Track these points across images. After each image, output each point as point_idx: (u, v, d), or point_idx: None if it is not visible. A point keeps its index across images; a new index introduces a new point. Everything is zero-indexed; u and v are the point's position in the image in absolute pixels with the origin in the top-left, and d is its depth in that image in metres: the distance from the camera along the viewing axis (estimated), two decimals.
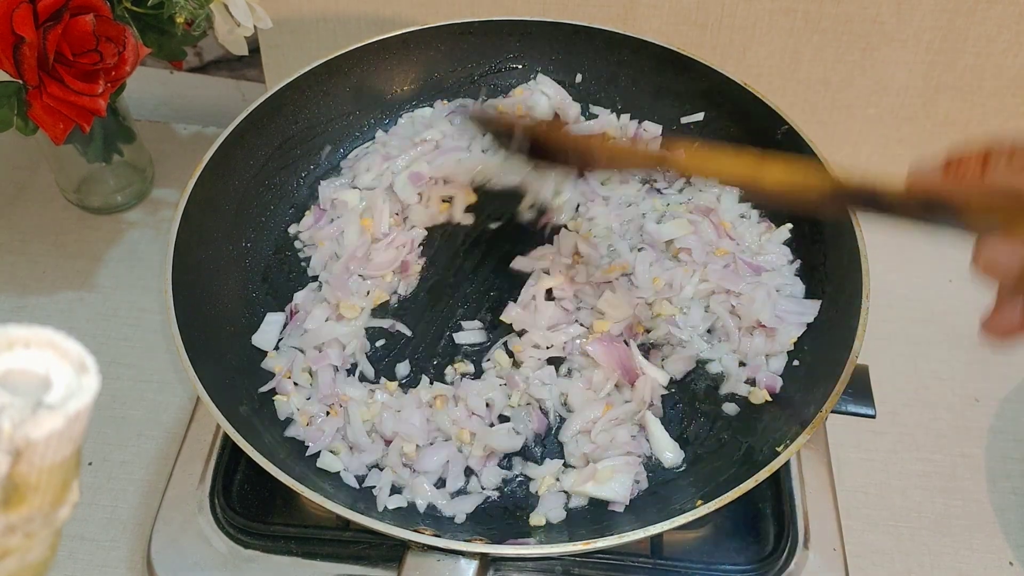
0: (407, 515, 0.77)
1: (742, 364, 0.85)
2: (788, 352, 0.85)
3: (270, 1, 0.93)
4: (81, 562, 0.86)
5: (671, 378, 0.85)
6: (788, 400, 0.81)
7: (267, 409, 0.82)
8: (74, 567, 0.86)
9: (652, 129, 1.02)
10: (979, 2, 0.98)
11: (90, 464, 0.92)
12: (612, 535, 0.69)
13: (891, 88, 1.06)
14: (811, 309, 0.85)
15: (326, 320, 0.87)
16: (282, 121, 0.96)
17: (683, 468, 0.81)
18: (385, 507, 0.77)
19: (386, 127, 1.04)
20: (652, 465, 0.81)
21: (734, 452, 0.80)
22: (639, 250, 0.92)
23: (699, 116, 1.01)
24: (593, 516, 0.78)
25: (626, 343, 0.85)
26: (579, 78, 1.05)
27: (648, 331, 0.87)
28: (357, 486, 0.79)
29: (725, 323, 0.86)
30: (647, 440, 0.81)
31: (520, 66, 1.05)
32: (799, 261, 0.91)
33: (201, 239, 0.86)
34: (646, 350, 0.86)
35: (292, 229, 0.96)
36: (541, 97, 1.04)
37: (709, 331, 0.88)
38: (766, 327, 0.84)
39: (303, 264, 0.94)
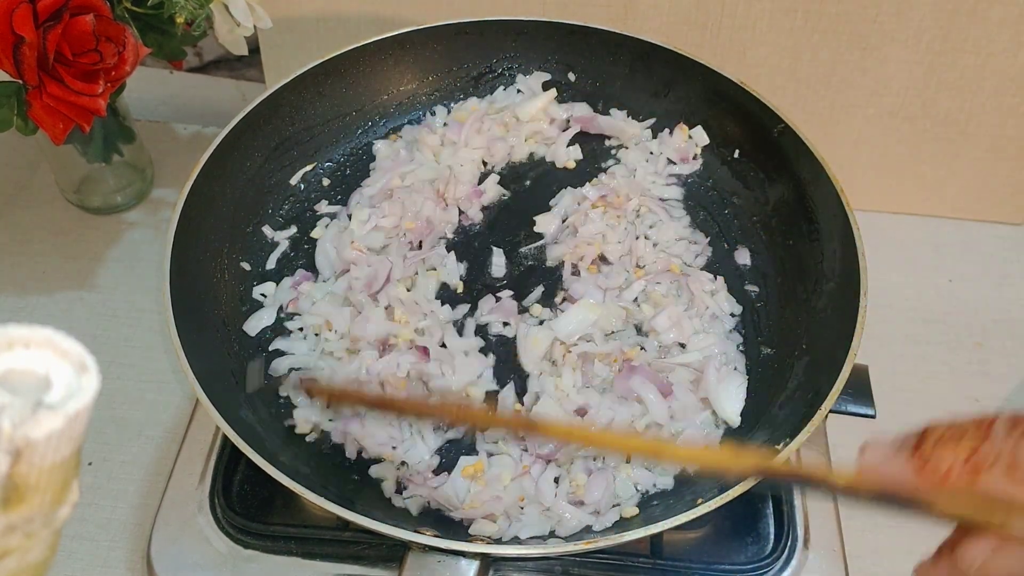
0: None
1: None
2: (786, 349, 0.85)
3: (270, 1, 0.93)
4: (81, 562, 0.86)
5: None
6: (787, 398, 0.81)
7: (267, 409, 0.82)
8: (74, 567, 0.86)
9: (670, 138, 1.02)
10: (979, 2, 0.98)
11: (90, 464, 0.92)
12: (612, 535, 0.69)
13: (891, 88, 1.06)
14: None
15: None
16: (279, 122, 0.96)
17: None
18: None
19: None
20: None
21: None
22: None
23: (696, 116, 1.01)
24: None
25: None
26: (572, 77, 1.05)
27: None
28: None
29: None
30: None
31: (516, 65, 1.05)
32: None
33: (199, 239, 0.86)
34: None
35: (289, 230, 0.96)
36: (528, 95, 1.04)
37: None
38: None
39: (302, 262, 0.94)
